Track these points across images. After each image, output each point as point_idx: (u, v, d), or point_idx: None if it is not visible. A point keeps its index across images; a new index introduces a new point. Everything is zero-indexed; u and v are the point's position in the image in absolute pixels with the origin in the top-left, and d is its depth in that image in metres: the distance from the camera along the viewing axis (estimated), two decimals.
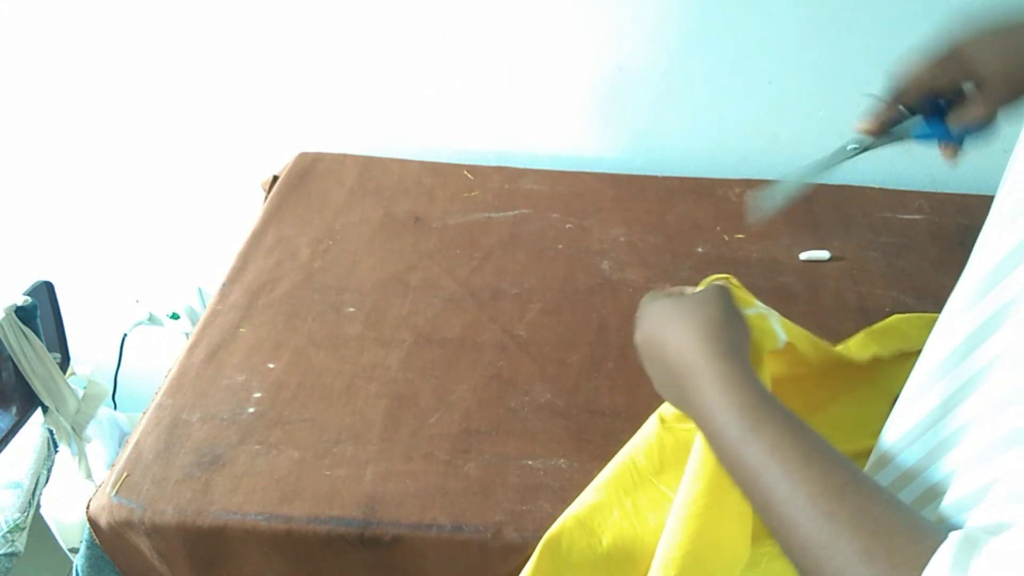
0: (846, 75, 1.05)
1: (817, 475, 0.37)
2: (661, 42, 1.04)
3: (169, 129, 1.17)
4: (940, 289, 0.87)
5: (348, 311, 0.85)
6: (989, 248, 0.37)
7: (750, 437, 0.41)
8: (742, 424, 0.41)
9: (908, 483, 0.43)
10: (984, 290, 0.37)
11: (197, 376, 0.77)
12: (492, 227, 0.98)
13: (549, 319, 0.84)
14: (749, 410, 0.42)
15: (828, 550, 0.35)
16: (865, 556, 0.33)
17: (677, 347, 0.48)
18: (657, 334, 0.50)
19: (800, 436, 0.40)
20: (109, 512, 0.65)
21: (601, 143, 1.15)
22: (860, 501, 0.35)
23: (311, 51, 1.08)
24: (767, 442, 0.40)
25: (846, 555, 0.34)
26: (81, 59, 1.10)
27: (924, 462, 0.41)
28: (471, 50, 1.06)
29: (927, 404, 0.41)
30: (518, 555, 0.63)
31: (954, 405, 0.39)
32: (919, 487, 0.42)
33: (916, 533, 0.33)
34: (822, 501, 0.36)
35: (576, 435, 0.71)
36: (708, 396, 0.44)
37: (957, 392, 0.39)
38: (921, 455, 0.41)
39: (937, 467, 0.40)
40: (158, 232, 1.30)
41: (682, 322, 0.49)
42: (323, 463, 0.68)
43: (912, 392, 0.42)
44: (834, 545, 0.34)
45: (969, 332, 0.38)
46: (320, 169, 1.09)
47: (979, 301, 0.38)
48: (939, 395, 0.40)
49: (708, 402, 0.44)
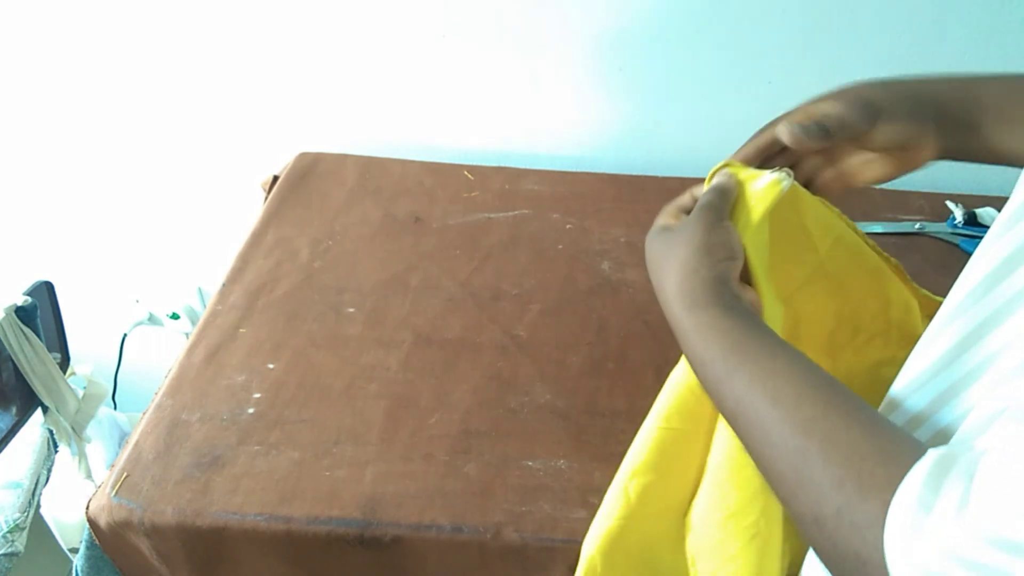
0: (846, 75, 1.05)
1: (785, 414, 0.39)
2: (661, 42, 1.04)
3: (169, 129, 1.17)
4: (940, 290, 0.87)
5: (348, 311, 0.85)
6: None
7: (725, 387, 0.43)
8: (717, 374, 0.44)
9: (926, 420, 0.42)
10: (1011, 224, 0.36)
11: (197, 376, 0.77)
12: (492, 227, 0.98)
13: (549, 320, 0.84)
14: (720, 359, 0.44)
15: (802, 481, 0.36)
16: (836, 484, 0.34)
17: (661, 299, 0.50)
18: (653, 281, 0.52)
19: (769, 376, 0.41)
20: (109, 512, 0.65)
21: (601, 143, 1.15)
22: (829, 431, 0.36)
23: (311, 51, 1.08)
24: (740, 388, 0.42)
25: (818, 485, 0.35)
26: (81, 59, 1.10)
27: (945, 396, 0.40)
28: (471, 50, 1.06)
29: (948, 339, 0.40)
30: (518, 556, 0.63)
31: (975, 340, 0.38)
32: (935, 425, 0.41)
33: (886, 456, 0.34)
34: (791, 437, 0.37)
35: (576, 436, 0.71)
36: (687, 348, 0.47)
37: (978, 327, 0.38)
38: (945, 387, 0.40)
39: (956, 403, 0.39)
40: (158, 232, 1.30)
41: (664, 271, 0.50)
42: (323, 464, 0.68)
43: (935, 328, 0.41)
44: (807, 476, 0.36)
45: (996, 263, 0.37)
46: (320, 169, 1.09)
47: (1006, 232, 0.36)
48: (960, 330, 0.39)
49: (688, 354, 0.47)
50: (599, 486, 0.59)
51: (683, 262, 0.48)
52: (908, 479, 0.31)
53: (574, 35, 1.04)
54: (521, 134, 1.14)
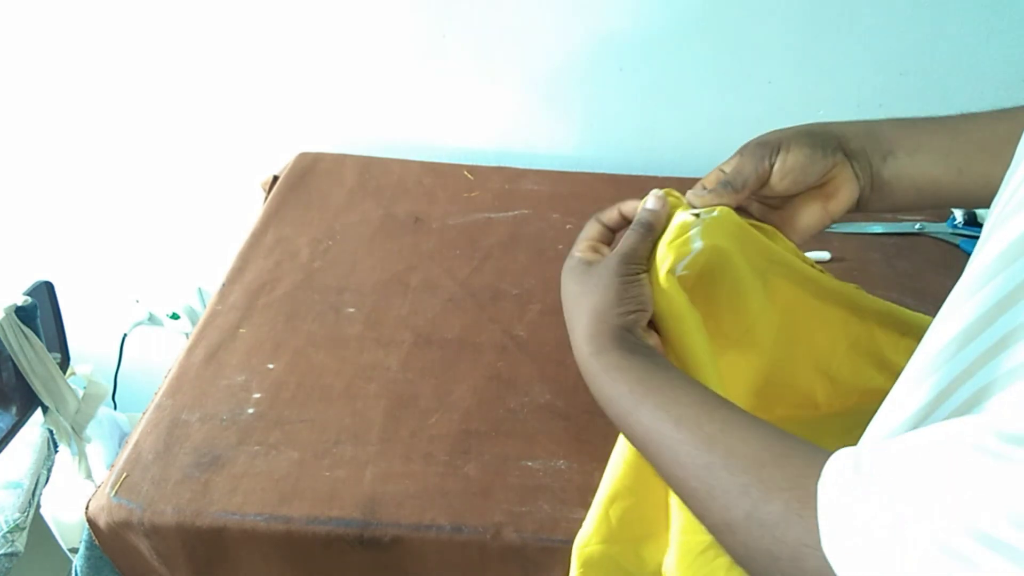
0: (846, 75, 1.05)
1: (689, 435, 0.42)
2: (661, 42, 1.04)
3: (169, 129, 1.17)
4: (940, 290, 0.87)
5: (348, 311, 0.85)
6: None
7: (632, 418, 0.46)
8: (625, 407, 0.46)
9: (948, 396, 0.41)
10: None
11: (197, 376, 0.77)
12: (492, 227, 0.98)
13: (549, 320, 0.84)
14: (627, 395, 0.46)
15: (712, 493, 0.39)
16: (742, 490, 0.37)
17: (572, 337, 0.53)
18: (565, 314, 0.55)
19: (672, 403, 0.44)
20: (108, 512, 0.65)
21: (601, 143, 1.15)
22: (729, 445, 0.39)
23: (311, 51, 1.08)
24: (646, 418, 0.45)
25: (727, 493, 0.38)
26: (81, 59, 1.10)
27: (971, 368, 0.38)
28: (471, 50, 1.06)
29: (966, 315, 0.37)
30: (517, 556, 0.63)
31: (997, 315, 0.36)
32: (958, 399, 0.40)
33: (783, 460, 0.37)
34: (696, 455, 0.40)
35: (576, 436, 0.71)
36: (596, 387, 0.50)
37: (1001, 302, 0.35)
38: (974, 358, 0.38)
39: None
40: (158, 232, 1.30)
41: (575, 312, 0.53)
42: (322, 464, 0.68)
43: (949, 308, 0.39)
44: (715, 487, 0.39)
45: None
46: (320, 169, 1.09)
47: None
48: (980, 304, 0.36)
49: (597, 393, 0.50)
50: (599, 487, 0.59)
51: (594, 308, 0.51)
52: (828, 466, 0.34)
53: (574, 35, 1.04)
54: (521, 134, 1.14)
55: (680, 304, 0.51)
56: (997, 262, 0.34)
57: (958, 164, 0.52)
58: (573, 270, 0.56)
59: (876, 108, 1.07)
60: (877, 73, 1.05)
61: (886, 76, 1.05)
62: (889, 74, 1.05)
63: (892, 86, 1.05)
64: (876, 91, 1.06)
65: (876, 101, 1.07)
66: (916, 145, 0.53)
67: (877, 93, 1.06)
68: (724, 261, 0.54)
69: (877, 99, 1.07)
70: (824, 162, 0.53)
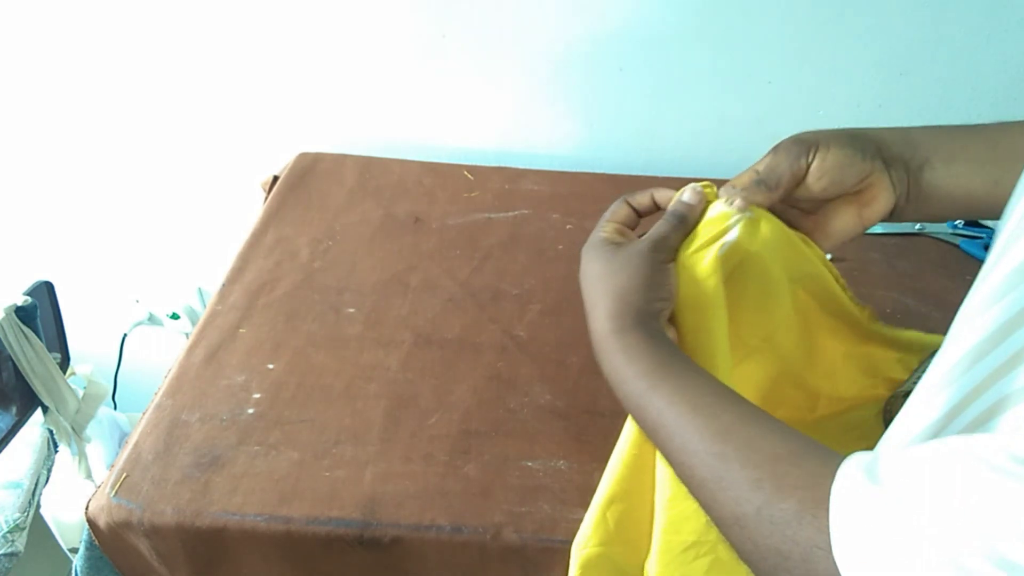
0: (846, 75, 1.05)
1: (704, 422, 0.41)
2: (661, 42, 1.04)
3: (169, 129, 1.17)
4: (940, 290, 0.87)
5: (348, 311, 0.85)
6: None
7: (646, 399, 0.45)
8: (640, 387, 0.46)
9: None
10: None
11: (197, 376, 0.77)
12: (492, 227, 0.98)
13: (549, 320, 0.84)
14: (644, 376, 0.46)
15: (722, 484, 0.38)
16: (754, 484, 0.37)
17: (591, 314, 0.52)
18: (584, 292, 0.54)
19: (690, 390, 0.44)
20: (108, 513, 0.65)
21: (601, 143, 1.15)
22: (745, 437, 0.39)
23: (311, 51, 1.08)
24: (662, 400, 0.44)
25: (738, 487, 0.37)
26: (81, 59, 1.10)
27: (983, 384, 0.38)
28: (471, 50, 1.06)
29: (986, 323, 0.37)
30: (517, 556, 0.63)
31: None
32: None
33: (799, 457, 0.36)
34: (711, 443, 0.40)
35: (576, 436, 0.71)
36: (610, 365, 0.49)
37: None
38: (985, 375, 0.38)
39: None
40: (158, 232, 1.30)
41: (599, 290, 0.52)
42: (322, 464, 0.68)
43: (969, 312, 0.39)
44: (726, 479, 0.38)
45: None
46: (320, 169, 1.09)
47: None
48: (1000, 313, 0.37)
49: (610, 371, 0.49)
50: (597, 488, 0.59)
51: (622, 288, 0.50)
52: (842, 470, 0.33)
53: (574, 35, 1.04)
54: (521, 134, 1.14)
55: (707, 289, 0.51)
56: (1012, 277, 0.34)
57: (995, 175, 0.51)
58: (597, 249, 0.54)
59: (876, 108, 1.07)
60: (877, 73, 1.05)
61: (886, 76, 1.05)
62: (889, 74, 1.05)
63: (892, 86, 1.05)
64: (876, 91, 1.06)
65: (876, 101, 1.07)
66: (951, 154, 0.52)
67: (877, 93, 1.06)
68: (756, 265, 0.54)
69: (877, 99, 1.07)
70: (863, 165, 0.52)
